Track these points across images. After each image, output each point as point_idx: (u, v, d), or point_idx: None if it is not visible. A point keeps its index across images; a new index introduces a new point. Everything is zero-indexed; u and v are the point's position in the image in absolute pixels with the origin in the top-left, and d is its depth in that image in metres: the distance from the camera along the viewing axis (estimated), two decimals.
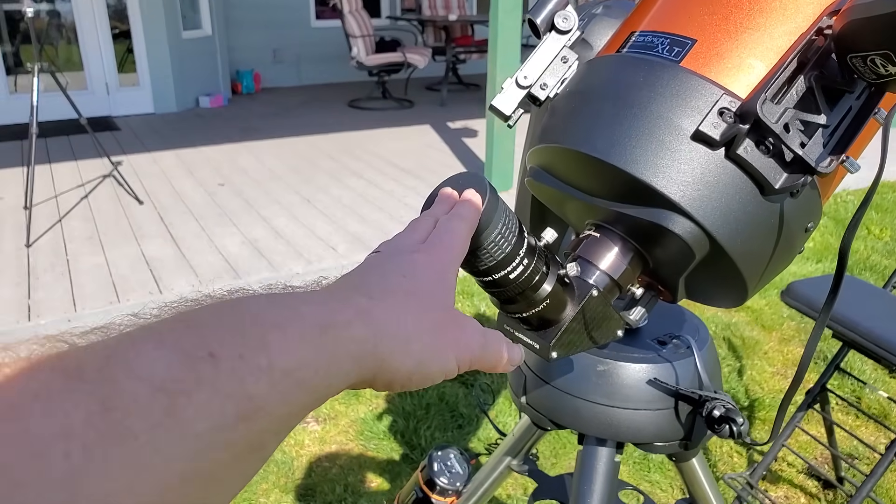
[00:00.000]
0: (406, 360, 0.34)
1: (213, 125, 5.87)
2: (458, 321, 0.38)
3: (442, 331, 0.36)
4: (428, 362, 0.35)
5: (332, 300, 0.32)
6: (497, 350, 0.41)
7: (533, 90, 0.58)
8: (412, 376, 0.34)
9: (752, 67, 0.50)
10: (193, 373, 0.24)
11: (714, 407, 0.64)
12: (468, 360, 0.38)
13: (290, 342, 0.27)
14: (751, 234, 0.50)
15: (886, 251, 3.42)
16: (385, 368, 0.32)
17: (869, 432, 2.10)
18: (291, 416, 0.27)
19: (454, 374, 0.37)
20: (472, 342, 0.39)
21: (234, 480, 0.26)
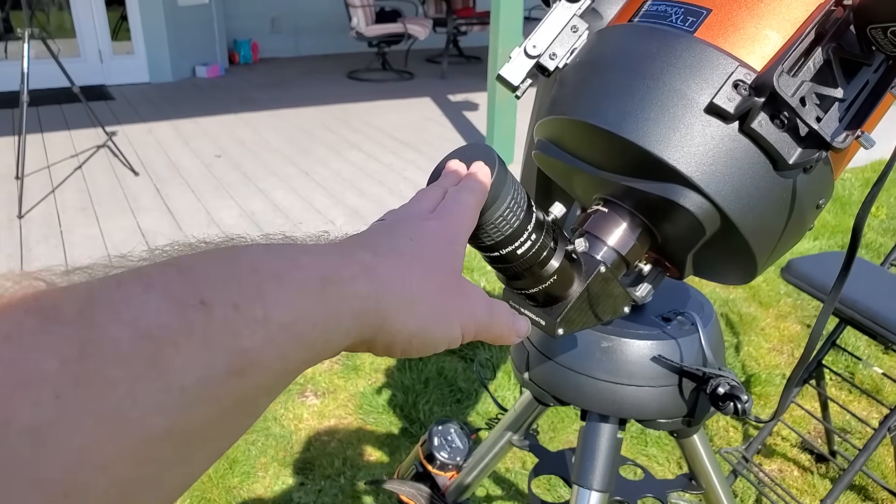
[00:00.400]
0: (409, 322, 0.32)
1: (209, 95, 5.81)
2: (465, 288, 0.37)
3: (448, 296, 0.35)
4: (431, 326, 0.34)
5: (336, 254, 0.30)
6: (504, 321, 0.40)
7: (542, 60, 0.57)
8: (413, 339, 0.33)
9: (767, 39, 0.48)
10: (183, 320, 0.22)
11: (718, 384, 0.63)
12: (473, 328, 0.37)
13: (289, 293, 0.26)
14: (763, 209, 0.50)
15: (882, 229, 3.42)
16: (386, 329, 0.31)
17: (862, 407, 2.11)
18: (287, 372, 0.26)
19: (458, 342, 0.36)
20: (478, 310, 0.37)
21: (220, 437, 0.25)
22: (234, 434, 0.25)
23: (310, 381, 2.23)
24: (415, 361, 2.29)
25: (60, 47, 5.78)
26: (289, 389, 2.17)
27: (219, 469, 1.85)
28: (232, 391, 0.23)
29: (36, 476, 0.19)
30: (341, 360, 2.33)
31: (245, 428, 0.26)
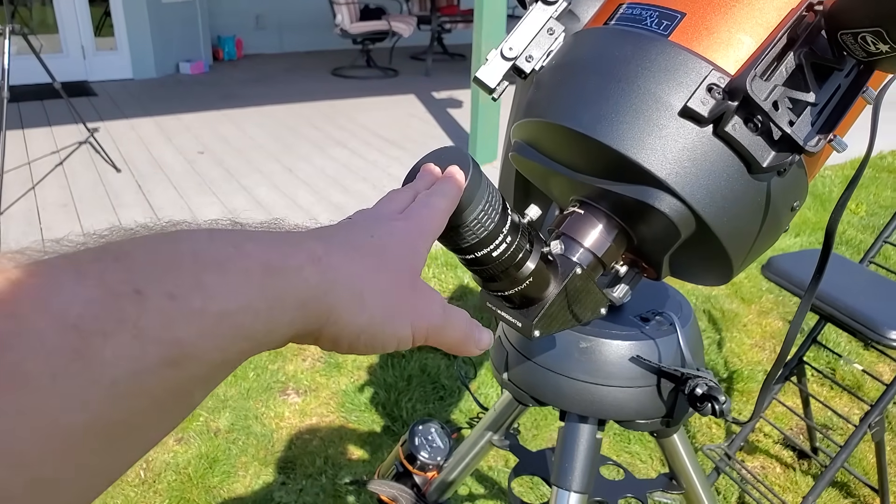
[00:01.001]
0: (356, 317, 0.31)
1: (193, 92, 5.76)
2: (420, 290, 0.36)
3: (400, 294, 0.34)
4: (380, 322, 0.33)
5: (284, 243, 0.29)
6: (459, 328, 0.39)
7: (518, 62, 0.56)
8: (361, 335, 0.32)
9: (741, 43, 0.48)
10: (115, 310, 0.21)
11: (696, 385, 0.64)
12: (425, 330, 0.36)
13: (230, 282, 0.25)
14: (737, 212, 0.50)
15: (862, 226, 3.45)
16: (333, 321, 0.30)
17: (843, 403, 2.14)
18: (226, 363, 0.25)
19: (408, 342, 0.35)
20: (431, 313, 0.37)
21: (152, 431, 0.24)
22: (166, 425, 0.25)
23: (291, 378, 2.22)
24: (397, 359, 2.29)
25: (43, 43, 5.72)
26: (270, 387, 2.16)
27: (199, 469, 1.84)
28: (165, 383, 0.23)
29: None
30: (323, 358, 2.33)
31: (179, 420, 0.25)
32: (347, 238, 0.34)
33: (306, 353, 2.36)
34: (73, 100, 3.68)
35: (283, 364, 2.29)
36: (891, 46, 0.42)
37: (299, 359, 2.33)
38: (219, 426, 2.01)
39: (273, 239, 0.29)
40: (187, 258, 0.24)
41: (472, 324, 0.40)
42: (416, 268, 0.36)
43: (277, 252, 0.28)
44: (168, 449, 1.92)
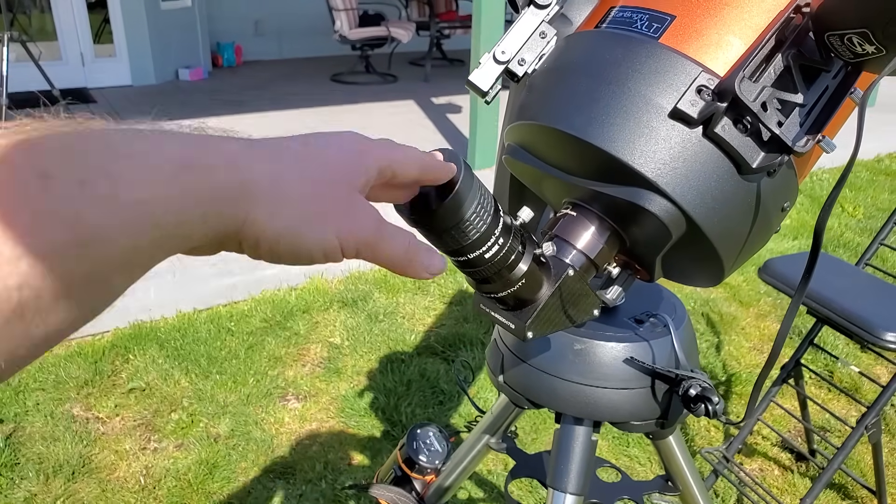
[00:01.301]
0: (274, 220, 0.31)
1: (193, 98, 5.77)
2: (351, 198, 0.34)
3: (326, 202, 0.33)
4: (300, 229, 0.32)
5: (204, 143, 0.30)
6: (398, 245, 0.37)
7: (511, 66, 0.57)
8: (280, 240, 0.31)
9: (730, 45, 0.49)
10: (21, 191, 0.22)
11: (690, 386, 0.64)
12: (354, 243, 0.34)
13: (141, 174, 0.26)
14: (727, 213, 0.50)
15: (860, 228, 3.46)
16: (250, 224, 0.30)
17: (841, 405, 2.14)
18: (139, 250, 0.26)
19: (336, 254, 0.34)
20: (363, 224, 0.35)
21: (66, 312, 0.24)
22: (83, 309, 0.25)
23: (291, 384, 2.22)
24: (397, 363, 2.29)
25: (42, 50, 5.74)
26: (270, 393, 2.16)
27: (199, 475, 1.84)
28: (74, 266, 0.23)
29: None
30: (323, 364, 2.33)
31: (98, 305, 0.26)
32: (276, 144, 0.33)
33: (306, 358, 2.36)
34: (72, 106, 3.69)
35: (282, 370, 2.29)
36: (877, 47, 0.42)
37: (299, 364, 2.33)
38: (219, 432, 2.01)
39: (193, 138, 0.30)
40: (100, 147, 0.25)
41: (417, 246, 0.38)
42: (353, 180, 0.35)
43: (192, 150, 0.29)
44: (168, 455, 1.92)
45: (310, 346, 2.43)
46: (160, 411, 2.09)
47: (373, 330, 2.50)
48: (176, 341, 2.41)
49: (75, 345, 2.41)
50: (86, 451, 1.93)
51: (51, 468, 1.86)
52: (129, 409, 2.11)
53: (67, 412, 2.08)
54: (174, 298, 2.69)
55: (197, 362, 2.30)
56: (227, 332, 2.48)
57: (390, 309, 2.64)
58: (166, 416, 2.07)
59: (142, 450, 1.95)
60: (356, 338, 2.46)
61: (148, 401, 2.14)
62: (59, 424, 2.02)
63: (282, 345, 2.42)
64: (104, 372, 2.26)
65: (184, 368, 2.27)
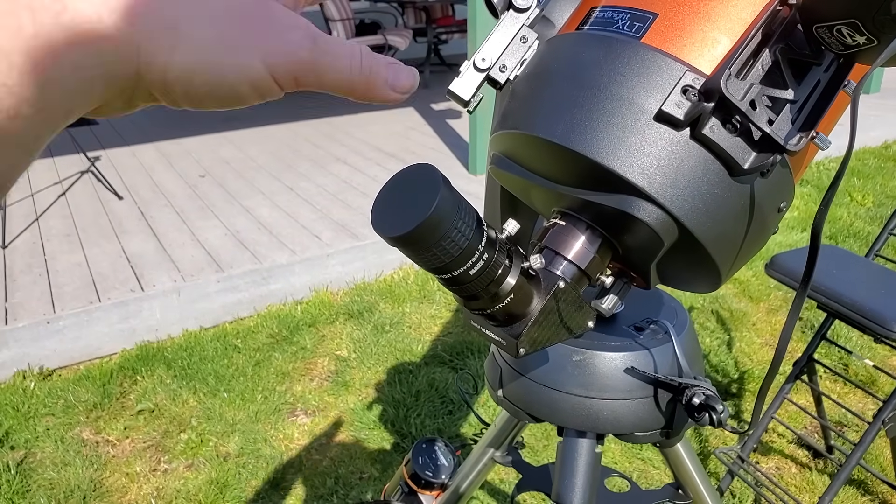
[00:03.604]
0: (177, 52, 0.25)
1: (193, 116, 5.78)
2: (272, 12, 0.28)
3: (237, 19, 0.27)
4: (214, 58, 0.26)
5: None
6: (345, 61, 0.29)
7: (492, 73, 0.55)
8: (193, 77, 0.26)
9: (716, 42, 0.47)
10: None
11: (694, 394, 0.62)
12: (286, 66, 0.28)
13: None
14: (720, 217, 0.48)
15: (869, 217, 3.42)
16: (148, 63, 0.25)
17: (857, 399, 2.10)
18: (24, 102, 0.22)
19: (270, 85, 0.28)
20: (293, 43, 0.28)
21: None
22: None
23: (300, 399, 2.20)
24: (405, 374, 2.27)
25: None
26: (278, 409, 2.15)
27: (209, 495, 1.82)
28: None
29: None
30: (331, 377, 2.31)
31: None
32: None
33: (313, 372, 2.35)
34: (73, 129, 3.71)
35: (290, 385, 2.28)
36: (867, 38, 0.40)
37: (307, 379, 2.32)
38: (228, 450, 2.00)
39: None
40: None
41: (372, 58, 0.31)
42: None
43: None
44: (179, 476, 1.91)
45: (317, 360, 2.41)
46: (169, 432, 2.08)
47: (379, 341, 2.48)
48: (183, 361, 2.40)
49: (83, 368, 2.41)
50: (97, 474, 1.92)
51: (62, 494, 1.85)
52: (138, 431, 2.10)
53: (77, 436, 2.07)
54: (180, 317, 2.68)
55: (204, 381, 2.29)
56: (233, 350, 2.47)
57: (396, 319, 2.63)
58: (175, 437, 2.06)
59: (152, 471, 1.94)
60: (363, 350, 2.44)
61: (157, 422, 2.13)
62: (70, 449, 2.01)
63: (289, 360, 2.41)
64: (112, 394, 2.25)
65: (191, 388, 2.26)
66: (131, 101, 0.27)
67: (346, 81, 0.30)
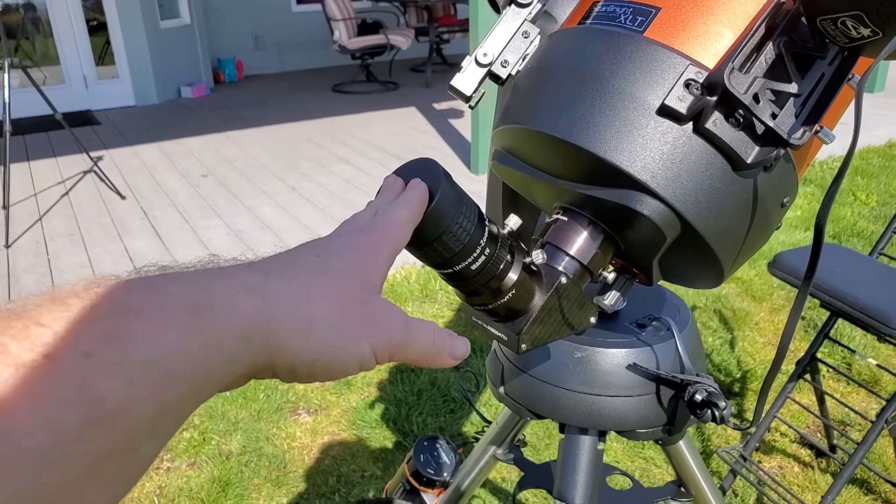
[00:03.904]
0: (308, 342, 0.30)
1: (195, 115, 5.80)
2: (375, 305, 0.34)
3: (353, 313, 0.32)
4: (335, 347, 0.31)
5: (213, 278, 0.28)
6: (426, 341, 0.37)
7: (493, 68, 0.55)
8: (316, 362, 0.30)
9: (719, 35, 0.47)
10: (23, 380, 0.20)
11: (696, 391, 0.62)
12: (387, 348, 0.34)
13: (152, 329, 0.23)
14: (723, 212, 0.48)
15: (873, 216, 3.41)
16: (283, 351, 0.29)
17: (860, 399, 2.09)
18: (166, 410, 0.24)
19: (371, 363, 0.33)
20: (391, 328, 0.34)
21: (97, 492, 0.22)
22: (114, 487, 0.23)
23: (302, 398, 2.20)
24: (407, 373, 2.27)
25: (46, 75, 5.79)
26: (281, 408, 2.15)
27: (212, 493, 1.82)
28: (94, 445, 0.21)
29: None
30: None
31: (133, 477, 0.24)
32: (289, 261, 0.32)
33: None
34: (76, 129, 3.71)
35: (292, 384, 2.28)
36: (872, 30, 0.40)
37: None
38: (231, 449, 2.00)
39: (200, 276, 0.27)
40: (104, 311, 0.23)
41: (441, 334, 0.38)
42: (370, 281, 0.34)
43: (204, 289, 0.26)
44: (181, 474, 1.91)
45: None
46: None
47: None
48: None
49: None
50: None
51: None
52: None
53: None
54: None
55: None
56: None
57: None
58: (178, 435, 2.06)
59: (155, 470, 1.94)
60: None
61: None
62: None
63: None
64: None
65: None
66: (250, 378, 0.30)
67: (424, 354, 0.37)
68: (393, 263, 0.37)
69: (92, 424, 0.21)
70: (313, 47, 7.69)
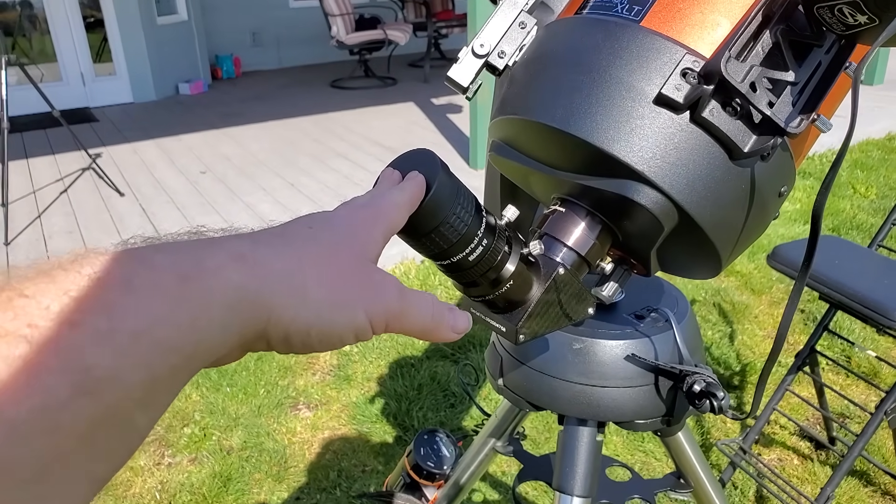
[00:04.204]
0: (301, 310, 0.29)
1: (193, 112, 5.79)
2: (370, 274, 0.34)
3: (348, 280, 0.32)
4: (329, 314, 0.30)
5: (201, 248, 0.27)
6: (424, 312, 0.36)
7: (490, 59, 0.55)
8: (311, 330, 0.30)
9: (716, 24, 0.47)
10: (5, 352, 0.20)
11: (694, 381, 0.62)
12: (382, 316, 0.33)
13: (139, 299, 0.23)
14: (720, 201, 0.48)
15: (873, 209, 3.41)
16: (276, 320, 0.28)
17: (860, 391, 2.10)
18: (158, 380, 0.24)
19: (367, 332, 0.33)
20: (387, 296, 0.34)
21: (91, 462, 0.22)
22: (111, 457, 0.23)
23: (302, 393, 2.21)
24: (407, 368, 2.27)
25: (44, 72, 5.78)
26: (281, 403, 2.15)
27: (213, 488, 1.83)
28: (84, 413, 0.21)
29: None
30: (333, 371, 2.31)
31: (128, 448, 0.24)
32: (280, 233, 0.32)
33: (316, 367, 2.35)
34: (74, 126, 3.71)
35: (293, 379, 2.28)
36: (869, 17, 0.40)
37: (309, 373, 2.32)
38: (231, 444, 2.00)
39: (187, 246, 0.27)
40: (87, 282, 0.23)
41: (441, 307, 0.38)
42: (365, 253, 0.34)
43: (191, 258, 0.26)
44: (182, 469, 1.91)
45: (319, 355, 2.41)
46: (173, 426, 2.09)
47: (381, 335, 2.48)
48: None
49: None
50: None
51: None
52: None
53: None
54: None
55: (207, 375, 2.29)
56: None
57: None
58: (179, 431, 2.06)
59: (156, 465, 1.94)
60: (365, 344, 2.44)
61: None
62: None
63: (291, 354, 2.41)
64: None
65: (194, 382, 2.26)
66: (247, 350, 0.30)
67: (421, 325, 0.36)
68: (388, 242, 0.37)
69: (81, 393, 0.21)
70: (311, 43, 7.67)
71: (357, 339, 0.33)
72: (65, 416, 0.21)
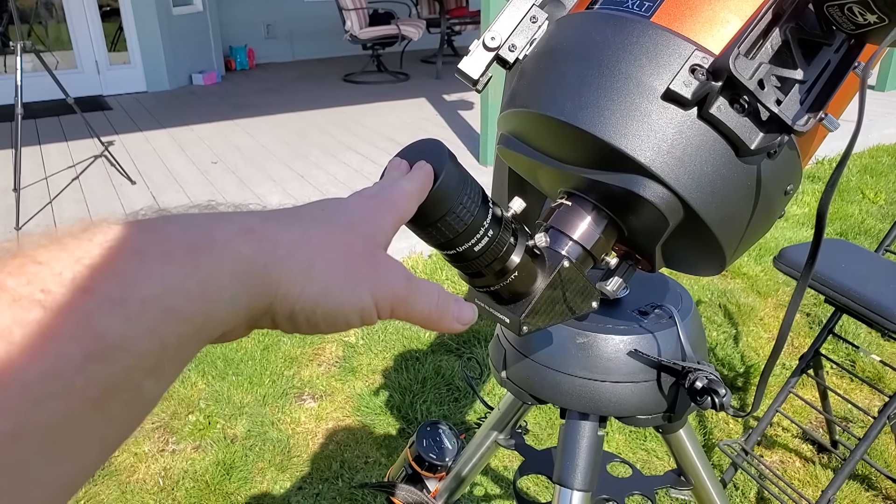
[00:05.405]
0: (308, 287, 0.30)
1: (206, 103, 5.81)
2: (378, 258, 0.34)
3: (355, 262, 0.32)
4: (335, 293, 0.31)
5: (212, 220, 0.28)
6: (430, 300, 0.36)
7: (501, 52, 0.55)
8: (317, 308, 0.30)
9: (726, 21, 0.47)
10: (19, 314, 0.21)
11: (696, 378, 0.62)
12: (388, 301, 0.34)
13: (150, 267, 0.24)
14: (726, 198, 0.48)
15: (881, 215, 3.39)
16: (283, 295, 0.29)
17: (863, 395, 2.09)
18: (167, 348, 0.24)
19: (372, 315, 0.33)
20: (393, 281, 0.34)
21: (102, 428, 0.23)
22: (121, 423, 0.24)
23: (307, 384, 2.22)
24: (412, 361, 2.28)
25: (59, 60, 5.81)
26: (286, 393, 2.17)
27: (216, 476, 1.84)
28: (96, 379, 0.22)
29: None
30: (338, 363, 2.33)
31: (137, 415, 0.24)
32: (291, 213, 0.32)
33: (321, 358, 2.36)
34: (88, 114, 3.73)
35: (298, 370, 2.29)
36: (879, 16, 0.40)
37: (314, 364, 2.33)
38: (235, 433, 2.02)
39: (199, 218, 0.28)
40: (100, 250, 0.23)
41: (447, 297, 0.38)
42: (374, 237, 0.34)
43: (202, 229, 0.27)
44: (186, 456, 1.93)
45: (325, 346, 2.43)
46: (178, 413, 2.10)
47: (387, 328, 2.49)
48: None
49: None
50: None
51: None
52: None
53: None
54: None
55: (213, 364, 2.31)
56: None
57: None
58: (184, 418, 2.08)
59: (160, 452, 1.96)
60: (371, 336, 2.45)
61: (165, 403, 2.15)
62: None
63: (297, 345, 2.42)
64: None
65: (200, 370, 2.28)
66: (252, 327, 0.30)
67: (426, 313, 0.36)
68: (398, 231, 0.38)
69: (93, 358, 0.22)
70: (325, 37, 7.68)
71: (362, 323, 0.33)
72: (78, 380, 0.21)
